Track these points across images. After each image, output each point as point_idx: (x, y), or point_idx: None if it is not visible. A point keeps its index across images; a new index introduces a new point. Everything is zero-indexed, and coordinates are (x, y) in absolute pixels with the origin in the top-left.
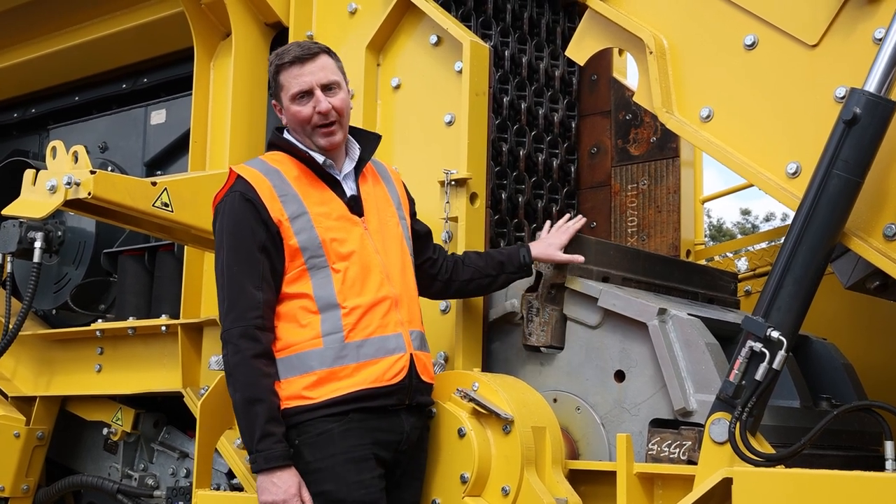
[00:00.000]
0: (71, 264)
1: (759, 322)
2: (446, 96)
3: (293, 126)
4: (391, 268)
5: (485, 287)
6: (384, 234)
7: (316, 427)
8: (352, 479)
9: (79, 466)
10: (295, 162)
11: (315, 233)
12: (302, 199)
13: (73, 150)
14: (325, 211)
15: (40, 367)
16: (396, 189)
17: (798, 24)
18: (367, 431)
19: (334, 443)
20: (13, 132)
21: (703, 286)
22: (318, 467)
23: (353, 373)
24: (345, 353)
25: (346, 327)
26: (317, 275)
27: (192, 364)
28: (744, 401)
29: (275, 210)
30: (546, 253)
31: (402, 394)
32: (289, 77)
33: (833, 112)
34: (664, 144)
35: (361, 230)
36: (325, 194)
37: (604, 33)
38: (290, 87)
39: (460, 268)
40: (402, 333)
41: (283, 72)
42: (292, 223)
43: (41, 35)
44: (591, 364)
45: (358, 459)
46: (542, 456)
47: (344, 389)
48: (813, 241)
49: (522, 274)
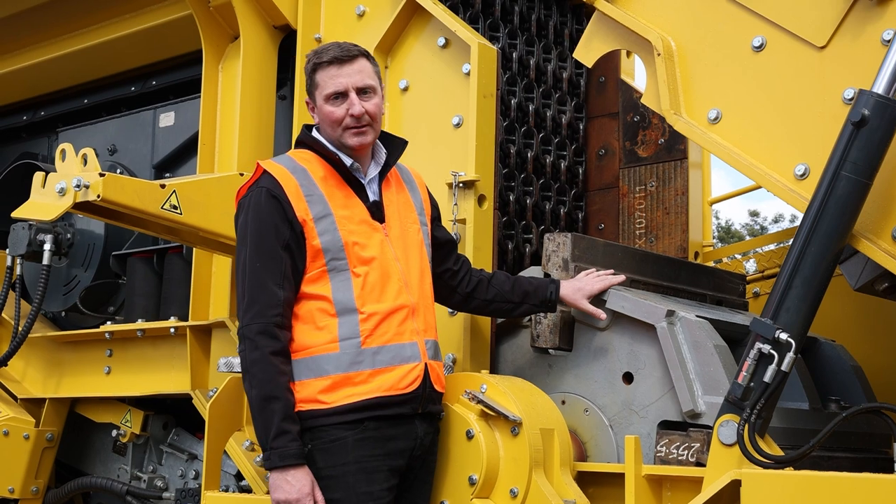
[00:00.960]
0: (80, 266)
1: (768, 324)
2: (454, 98)
3: (324, 125)
4: (410, 276)
5: (505, 312)
6: (405, 241)
7: (330, 434)
8: (362, 490)
9: (88, 468)
10: (321, 162)
11: (338, 235)
12: (327, 200)
13: (82, 152)
14: (348, 214)
15: (50, 369)
16: (420, 194)
17: (806, 25)
18: (381, 441)
19: (348, 451)
20: (23, 135)
21: (711, 288)
22: (330, 475)
23: (367, 379)
24: (360, 359)
25: (364, 333)
26: (336, 277)
27: (201, 366)
28: (752, 403)
29: (300, 209)
30: (573, 298)
31: (416, 402)
32: (325, 77)
33: (841, 114)
34: (672, 146)
35: (382, 236)
36: (349, 198)
37: (612, 35)
38: (326, 86)
39: (485, 286)
40: (418, 342)
41: (319, 70)
42: (316, 224)
43: (50, 38)
44: (599, 366)
45: (370, 470)
46: (551, 458)
47: (358, 396)
48: (821, 242)
49: (545, 309)
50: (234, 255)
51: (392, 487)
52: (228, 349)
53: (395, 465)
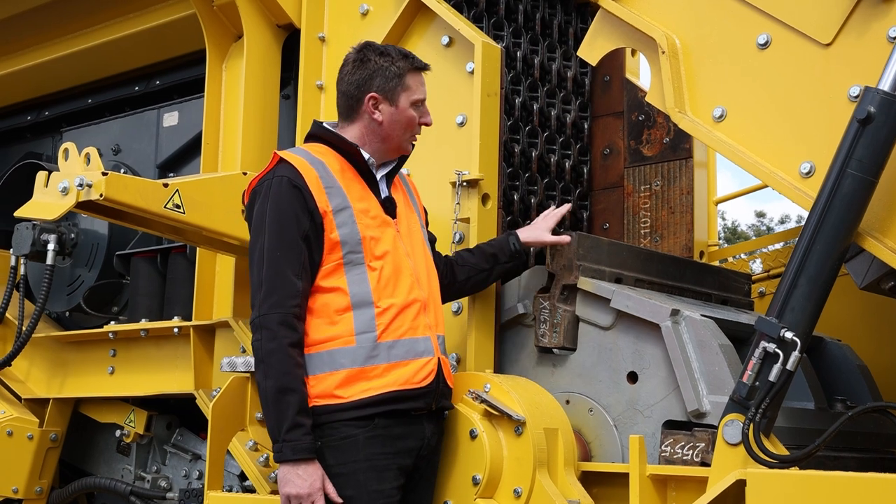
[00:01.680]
0: (84, 266)
1: (773, 323)
2: (458, 97)
3: (395, 126)
4: (419, 271)
5: (481, 282)
6: (412, 237)
7: (340, 431)
8: (373, 488)
9: (92, 468)
10: (336, 155)
11: (356, 228)
12: (346, 192)
13: (85, 151)
14: (364, 207)
15: (53, 368)
16: (416, 198)
17: (811, 23)
18: (391, 440)
19: (358, 449)
20: (27, 135)
21: (716, 287)
22: (340, 472)
23: (383, 373)
24: (376, 353)
25: (380, 327)
26: (353, 271)
27: (205, 366)
28: (757, 402)
29: (321, 201)
30: (534, 236)
31: (430, 397)
32: (416, 82)
33: (847, 111)
34: (677, 145)
35: (394, 231)
36: (365, 192)
37: (616, 33)
38: (416, 91)
39: (456, 269)
40: (431, 337)
41: (412, 74)
42: (335, 216)
43: (54, 38)
44: (603, 365)
45: (381, 468)
46: (555, 457)
47: (374, 390)
48: (827, 241)
49: (515, 262)
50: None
51: (401, 486)
52: (232, 349)
53: (403, 464)
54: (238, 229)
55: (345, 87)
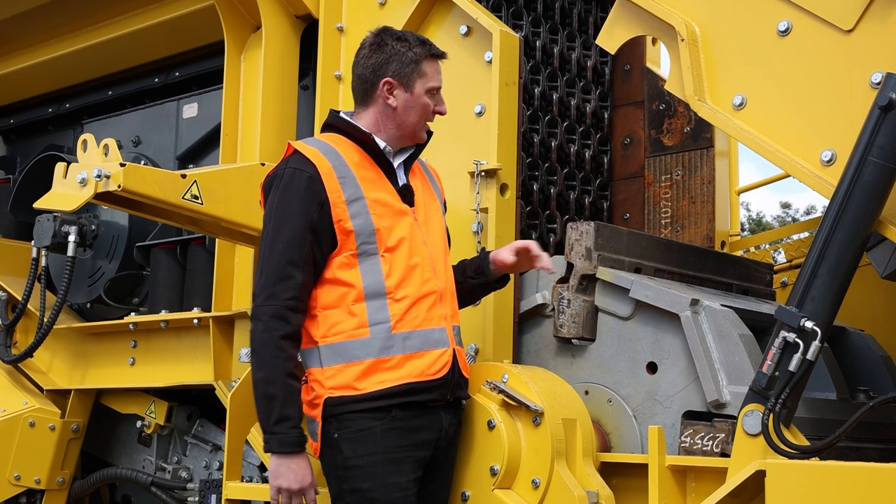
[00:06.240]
0: (104, 258)
1: (793, 312)
2: (476, 87)
3: (410, 113)
4: (437, 261)
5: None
6: (430, 226)
7: (357, 423)
8: (390, 480)
9: (113, 459)
10: (352, 145)
11: (370, 218)
12: (360, 182)
13: (103, 142)
14: (379, 197)
15: (75, 360)
16: (437, 184)
17: (833, 9)
18: (407, 432)
19: (375, 441)
20: (48, 127)
21: (737, 277)
22: (357, 464)
23: (398, 364)
24: (391, 344)
25: (394, 317)
26: (366, 261)
27: (224, 357)
28: (777, 392)
29: (333, 191)
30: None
31: (445, 388)
32: (433, 70)
33: (868, 98)
34: (698, 135)
35: (411, 220)
36: (381, 181)
37: (635, 21)
38: (432, 79)
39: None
40: (446, 328)
41: (429, 61)
42: (348, 206)
43: (74, 31)
44: (622, 356)
45: (398, 461)
46: (573, 448)
47: (390, 382)
48: (848, 229)
49: (480, 279)
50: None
51: (418, 479)
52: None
53: (420, 456)
54: (256, 220)
55: (360, 70)
